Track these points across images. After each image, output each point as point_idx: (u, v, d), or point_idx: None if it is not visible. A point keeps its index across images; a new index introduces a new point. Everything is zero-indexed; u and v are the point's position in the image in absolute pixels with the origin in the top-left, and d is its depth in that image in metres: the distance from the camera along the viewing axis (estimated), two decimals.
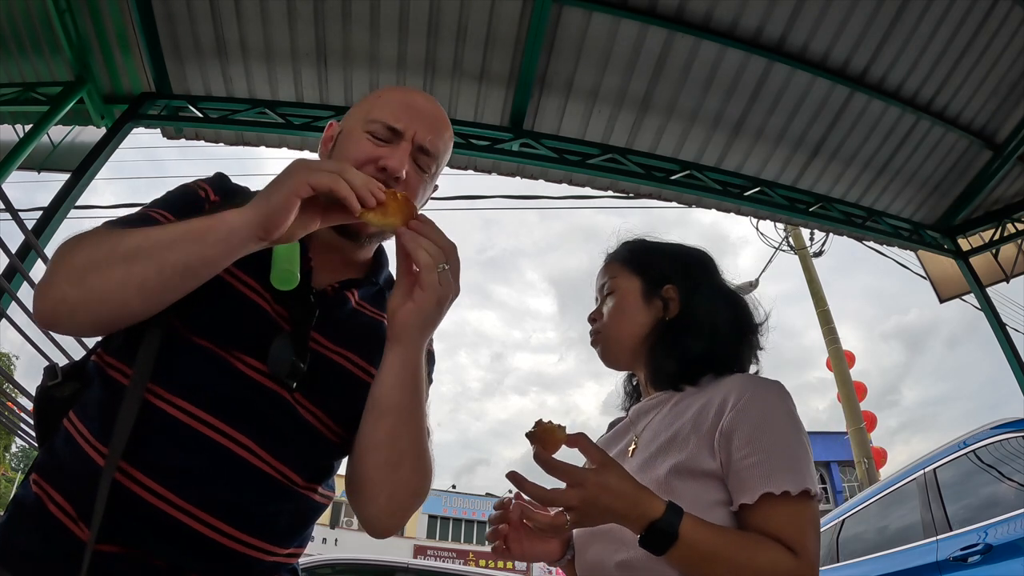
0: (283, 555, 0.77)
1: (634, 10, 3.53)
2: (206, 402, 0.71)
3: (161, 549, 0.67)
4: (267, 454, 0.73)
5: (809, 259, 9.31)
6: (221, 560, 0.69)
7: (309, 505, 0.79)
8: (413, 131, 0.83)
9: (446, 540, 24.05)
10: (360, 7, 3.50)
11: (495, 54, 3.71)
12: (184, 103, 3.84)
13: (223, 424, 0.70)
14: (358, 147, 0.83)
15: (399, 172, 0.81)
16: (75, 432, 0.71)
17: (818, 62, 3.82)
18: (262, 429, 0.73)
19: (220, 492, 0.69)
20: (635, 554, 0.82)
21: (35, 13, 3.47)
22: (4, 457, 18.28)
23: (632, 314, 1.03)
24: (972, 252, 4.88)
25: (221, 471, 0.70)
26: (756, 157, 4.31)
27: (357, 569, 4.69)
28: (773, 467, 0.80)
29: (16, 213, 2.78)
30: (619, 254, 1.12)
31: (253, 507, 0.72)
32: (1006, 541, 2.53)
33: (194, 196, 0.83)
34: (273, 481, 0.73)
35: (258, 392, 0.74)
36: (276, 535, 0.75)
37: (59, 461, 0.71)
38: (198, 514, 0.68)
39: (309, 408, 0.77)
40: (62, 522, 0.67)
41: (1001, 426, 2.91)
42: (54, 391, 0.75)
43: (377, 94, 0.90)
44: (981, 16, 3.59)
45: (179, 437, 0.69)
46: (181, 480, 0.68)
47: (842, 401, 8.54)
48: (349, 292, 0.85)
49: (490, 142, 3.97)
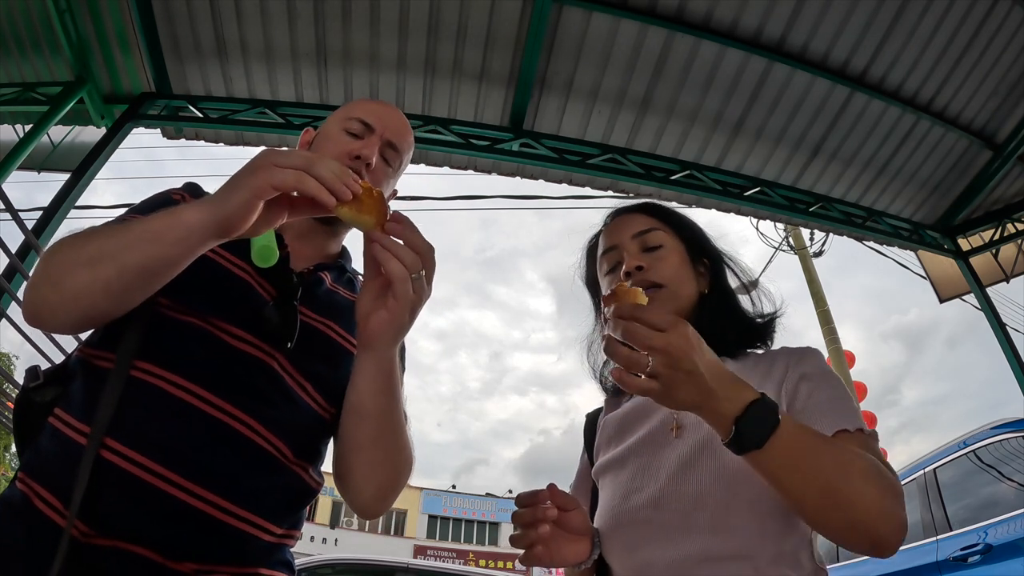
0: (277, 535, 0.77)
1: (634, 10, 3.53)
2: (193, 374, 0.71)
3: (152, 528, 0.66)
4: (257, 423, 0.74)
5: (809, 259, 9.30)
6: (215, 535, 0.69)
7: (301, 484, 0.80)
8: (383, 127, 0.93)
9: (446, 540, 24.05)
10: (360, 7, 3.50)
11: (495, 54, 3.71)
12: (184, 103, 3.84)
13: (211, 395, 0.71)
14: (335, 142, 0.91)
15: (370, 159, 0.88)
16: (60, 424, 0.71)
17: (818, 62, 3.82)
18: (251, 399, 0.74)
19: (210, 462, 0.69)
20: (693, 548, 0.75)
21: (35, 13, 3.47)
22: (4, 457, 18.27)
23: (689, 275, 0.94)
24: (972, 252, 4.88)
25: (209, 441, 0.70)
26: (756, 157, 4.31)
27: (357, 569, 4.70)
28: (842, 411, 0.77)
29: (16, 213, 2.78)
30: (656, 209, 1.01)
31: (243, 478, 0.72)
32: (1006, 541, 2.53)
33: (170, 203, 0.83)
34: (263, 452, 0.74)
35: (245, 363, 0.75)
36: (268, 510, 0.75)
37: (44, 457, 0.70)
38: (188, 486, 0.67)
39: (295, 376, 0.80)
40: (49, 517, 0.66)
41: (1001, 426, 2.92)
42: (33, 394, 0.75)
43: (352, 103, 1.00)
44: (981, 16, 3.59)
45: (165, 408, 0.69)
46: (169, 452, 0.68)
47: None
48: (323, 274, 0.90)
49: (490, 142, 3.97)
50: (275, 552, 0.78)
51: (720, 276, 0.98)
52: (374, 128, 0.92)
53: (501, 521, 24.95)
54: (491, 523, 25.18)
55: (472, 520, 25.10)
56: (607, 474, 0.92)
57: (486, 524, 25.19)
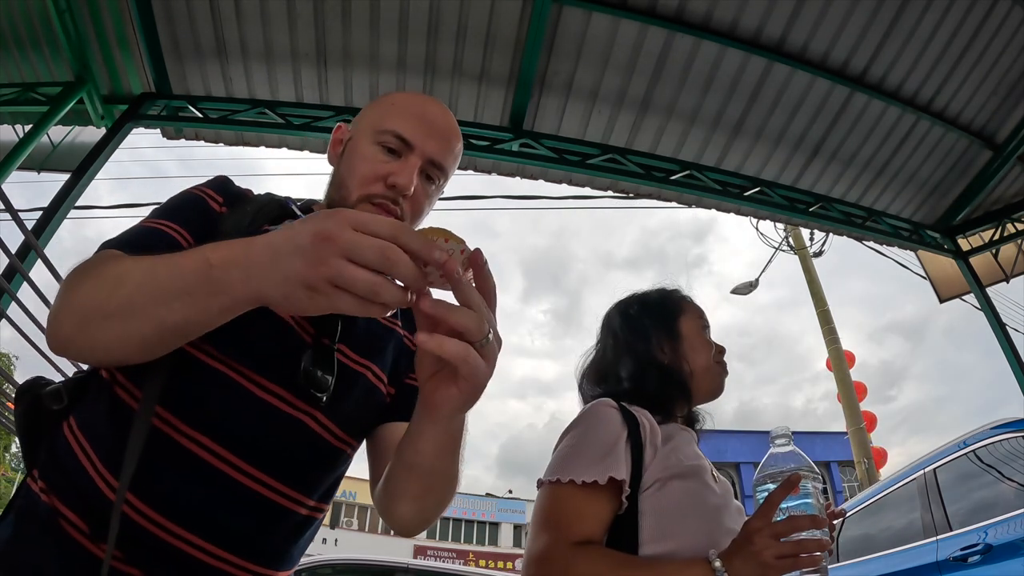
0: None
1: (634, 10, 3.53)
2: (224, 437, 0.68)
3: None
4: (287, 488, 0.72)
5: (809, 259, 9.30)
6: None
7: (316, 525, 0.80)
8: (423, 143, 0.79)
9: (446, 540, 24.04)
10: (360, 7, 3.50)
11: (495, 54, 3.71)
12: (184, 103, 3.84)
13: (241, 461, 0.68)
14: (367, 163, 0.79)
15: (407, 191, 0.77)
16: (79, 449, 0.68)
17: (818, 62, 3.82)
18: (283, 463, 0.71)
19: (239, 529, 0.68)
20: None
21: (35, 13, 3.47)
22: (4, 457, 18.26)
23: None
24: (972, 252, 4.88)
25: (239, 508, 0.68)
26: (756, 157, 4.31)
27: (357, 569, 4.69)
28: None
29: (16, 213, 2.78)
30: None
31: (272, 541, 0.72)
32: (1006, 541, 2.52)
33: (203, 206, 0.78)
34: (291, 514, 0.73)
35: (279, 422, 0.71)
36: (289, 562, 0.76)
37: (66, 477, 0.68)
38: (215, 551, 0.67)
39: (329, 427, 0.76)
40: (77, 540, 0.64)
41: (1001, 426, 2.91)
42: (50, 402, 0.72)
43: (391, 100, 0.84)
44: (981, 16, 3.59)
45: (194, 472, 0.67)
46: (196, 517, 0.66)
47: (842, 401, 8.53)
48: None
49: (490, 142, 3.97)
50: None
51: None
52: (413, 145, 0.78)
53: (501, 521, 24.97)
54: (491, 523, 25.18)
55: (472, 520, 25.09)
56: (688, 478, 1.01)
57: (486, 524, 25.18)
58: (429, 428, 0.63)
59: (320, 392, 0.72)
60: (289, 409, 0.72)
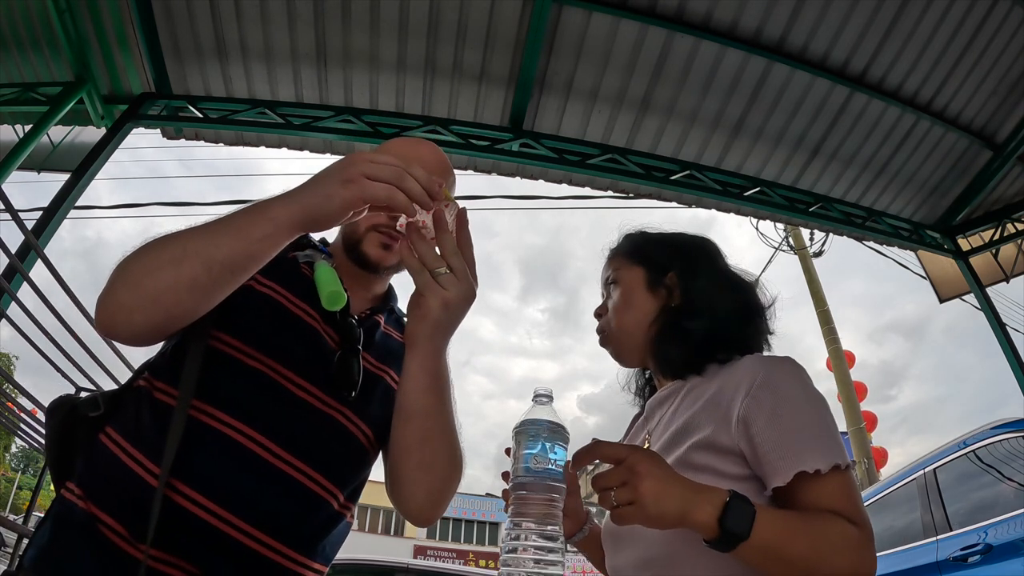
0: (318, 572, 0.80)
1: (634, 10, 3.53)
2: (261, 426, 0.73)
3: (217, 565, 0.68)
4: (322, 477, 0.76)
5: (809, 259, 9.31)
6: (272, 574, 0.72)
7: (345, 525, 0.84)
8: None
9: (446, 540, 24.03)
10: (360, 7, 3.50)
11: (495, 54, 3.71)
12: (184, 103, 3.84)
13: (279, 448, 0.73)
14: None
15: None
16: (120, 451, 0.71)
17: (818, 62, 3.82)
18: (318, 453, 0.76)
19: (277, 512, 0.72)
20: (657, 552, 0.81)
21: (35, 13, 3.47)
22: (4, 457, 18.27)
23: (638, 304, 0.99)
24: (972, 252, 4.88)
25: (277, 491, 0.72)
26: (756, 157, 4.31)
27: (357, 569, 4.69)
28: (800, 447, 0.75)
29: (16, 213, 2.78)
30: (621, 246, 1.09)
31: (308, 528, 0.75)
32: (1006, 541, 2.53)
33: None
34: (325, 504, 0.77)
35: (313, 416, 0.77)
36: (323, 556, 0.79)
37: (105, 482, 0.70)
38: (251, 531, 0.70)
39: (357, 423, 0.82)
40: (118, 545, 0.67)
41: (1001, 426, 2.92)
42: (86, 409, 0.76)
43: (387, 147, 0.97)
44: (981, 16, 3.59)
45: (233, 456, 0.71)
46: (234, 498, 0.70)
47: (842, 401, 8.53)
48: (377, 317, 0.92)
49: (490, 142, 3.97)
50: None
51: (694, 283, 0.97)
52: None
53: (501, 521, 24.96)
54: (491, 523, 25.16)
55: (472, 520, 25.08)
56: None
57: (486, 524, 25.17)
58: (408, 362, 0.75)
59: (349, 389, 0.80)
60: (322, 406, 0.78)
